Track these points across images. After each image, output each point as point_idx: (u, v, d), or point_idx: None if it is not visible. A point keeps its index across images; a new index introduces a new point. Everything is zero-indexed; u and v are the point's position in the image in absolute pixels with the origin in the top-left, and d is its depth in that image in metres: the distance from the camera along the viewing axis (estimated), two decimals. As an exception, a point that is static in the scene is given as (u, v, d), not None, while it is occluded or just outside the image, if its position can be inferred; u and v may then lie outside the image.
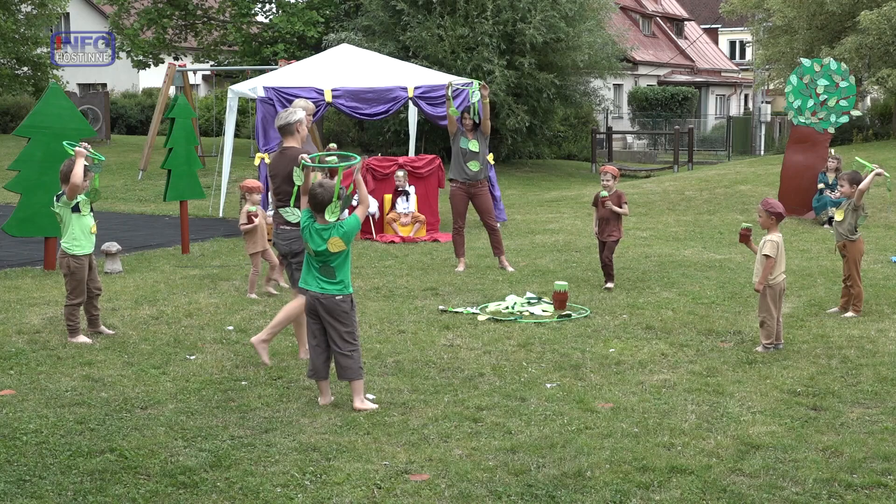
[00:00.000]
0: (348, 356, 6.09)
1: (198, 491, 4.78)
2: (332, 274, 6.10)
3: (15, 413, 5.90)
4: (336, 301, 6.09)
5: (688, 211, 17.33)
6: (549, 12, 24.62)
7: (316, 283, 6.12)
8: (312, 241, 6.07)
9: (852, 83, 15.80)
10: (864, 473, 5.01)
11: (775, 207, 7.76)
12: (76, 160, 7.70)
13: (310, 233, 6.09)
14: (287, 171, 6.91)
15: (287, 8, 28.01)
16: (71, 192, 7.71)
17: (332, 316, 6.09)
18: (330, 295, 6.09)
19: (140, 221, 16.37)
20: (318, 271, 6.11)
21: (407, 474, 5.01)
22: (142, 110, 37.26)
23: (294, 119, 7.21)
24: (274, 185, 7.21)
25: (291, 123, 7.20)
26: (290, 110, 7.33)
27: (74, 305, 7.77)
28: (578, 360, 7.31)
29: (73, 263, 7.78)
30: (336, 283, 6.10)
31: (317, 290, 6.11)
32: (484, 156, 11.25)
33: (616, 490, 4.78)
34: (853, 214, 8.81)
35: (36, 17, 31.44)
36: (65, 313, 7.79)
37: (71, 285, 7.79)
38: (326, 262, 6.08)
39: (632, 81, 43.55)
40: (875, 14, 23.39)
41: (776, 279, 7.65)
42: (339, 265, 6.10)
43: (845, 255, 8.87)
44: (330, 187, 6.04)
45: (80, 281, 7.79)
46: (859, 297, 8.79)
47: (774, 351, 7.52)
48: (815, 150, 15.71)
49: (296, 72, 15.63)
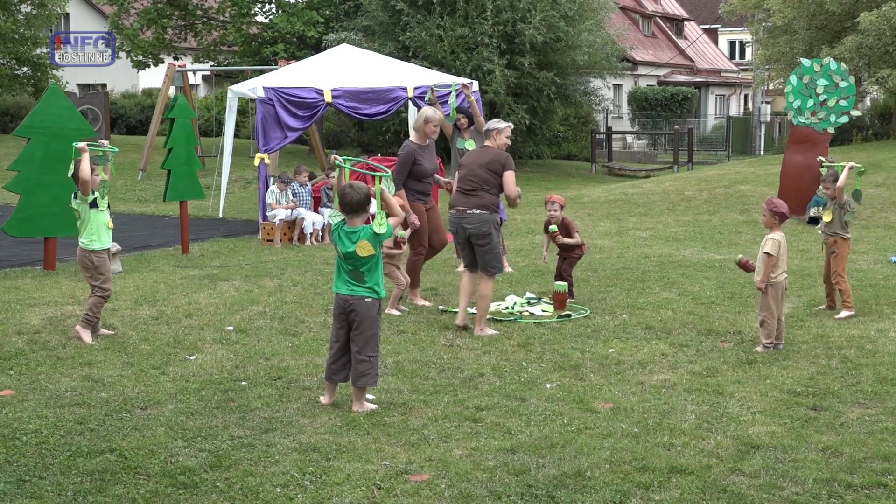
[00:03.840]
0: (368, 361, 6.08)
1: (197, 491, 4.78)
2: (362, 279, 6.08)
3: (15, 413, 5.90)
4: (366, 303, 6.08)
5: (687, 211, 17.33)
6: (548, 12, 24.63)
7: (346, 287, 6.11)
8: (342, 244, 6.05)
9: (852, 83, 15.80)
10: (864, 473, 5.01)
11: (779, 207, 7.79)
12: (81, 156, 7.75)
13: (339, 235, 6.07)
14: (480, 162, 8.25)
15: (287, 8, 28.01)
16: (84, 189, 7.77)
17: (359, 319, 6.08)
18: (359, 296, 6.08)
19: (140, 222, 16.38)
20: (347, 275, 6.10)
21: (407, 474, 5.00)
22: (141, 110, 37.24)
23: (492, 127, 8.41)
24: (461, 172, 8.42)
25: (491, 130, 8.39)
26: (494, 122, 8.52)
27: (103, 298, 7.85)
28: (578, 360, 7.31)
29: (95, 258, 7.87)
30: (366, 287, 6.09)
31: (346, 293, 6.10)
32: None
33: (616, 490, 4.78)
34: (840, 212, 8.88)
35: (36, 18, 31.43)
36: (89, 304, 7.82)
37: (98, 279, 7.86)
38: (356, 266, 6.06)
39: (631, 81, 43.55)
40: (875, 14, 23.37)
41: (778, 278, 7.65)
42: (368, 270, 6.08)
43: (835, 251, 8.89)
44: (360, 188, 6.04)
45: (107, 272, 7.93)
46: (848, 293, 8.81)
47: (774, 351, 7.53)
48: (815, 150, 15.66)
49: (295, 72, 15.63)
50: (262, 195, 14.17)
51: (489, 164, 8.19)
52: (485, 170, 8.19)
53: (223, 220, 16.30)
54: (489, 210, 8.22)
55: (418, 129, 9.37)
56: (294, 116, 14.10)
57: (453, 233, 8.54)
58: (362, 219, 6.10)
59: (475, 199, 8.26)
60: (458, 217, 8.32)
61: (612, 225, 15.73)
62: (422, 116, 9.35)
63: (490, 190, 8.20)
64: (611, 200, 18.62)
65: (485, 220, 8.20)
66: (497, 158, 8.20)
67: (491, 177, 8.17)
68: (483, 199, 8.22)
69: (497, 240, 8.37)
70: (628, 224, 15.86)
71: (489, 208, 8.22)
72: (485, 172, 8.19)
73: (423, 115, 9.34)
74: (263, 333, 8.08)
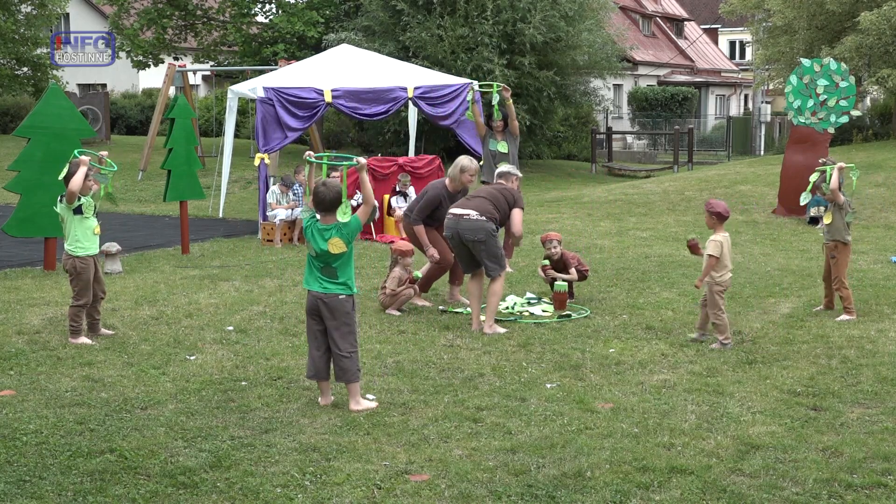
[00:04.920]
0: (347, 357, 6.08)
1: (198, 491, 4.78)
2: (335, 275, 6.09)
3: (15, 413, 5.90)
4: (339, 300, 6.08)
5: (688, 211, 17.32)
6: (548, 12, 24.61)
7: (318, 284, 6.11)
8: (314, 242, 6.06)
9: (852, 83, 15.80)
10: (864, 473, 5.01)
11: (715, 207, 7.88)
12: (79, 167, 7.73)
13: (312, 233, 6.08)
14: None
15: (287, 8, 28.00)
16: (69, 197, 7.75)
17: (334, 316, 6.08)
18: (333, 294, 6.08)
19: (140, 222, 16.37)
20: (319, 271, 6.11)
21: (407, 474, 5.01)
22: (141, 110, 37.25)
23: (512, 172, 8.84)
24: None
25: (511, 174, 8.78)
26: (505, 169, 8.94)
27: (79, 307, 7.77)
28: (578, 360, 7.31)
29: (79, 265, 7.80)
30: (339, 283, 6.09)
31: (319, 290, 6.10)
32: (514, 157, 11.22)
33: (616, 490, 4.78)
34: (840, 213, 8.85)
35: (36, 18, 31.43)
36: (69, 314, 7.79)
37: (77, 287, 7.79)
38: (328, 262, 6.08)
39: (632, 81, 43.54)
40: (875, 14, 23.38)
41: (723, 277, 7.79)
42: (340, 266, 6.09)
43: (835, 256, 8.86)
44: (333, 186, 6.04)
45: (87, 282, 7.80)
46: (849, 299, 8.77)
47: (702, 342, 7.70)
48: (815, 151, 15.67)
49: (296, 72, 15.63)
50: (263, 195, 14.17)
51: (502, 191, 8.45)
52: (497, 191, 8.44)
53: (223, 220, 16.30)
54: (486, 217, 8.23)
55: (454, 178, 9.16)
56: (294, 116, 14.09)
57: (449, 238, 8.51)
58: (335, 216, 6.09)
59: (475, 203, 8.28)
60: (454, 221, 8.33)
61: (613, 225, 15.73)
62: (458, 165, 9.15)
63: (496, 207, 8.31)
64: (611, 200, 18.61)
65: (481, 227, 8.21)
66: (511, 192, 8.47)
67: (500, 201, 8.35)
68: (484, 205, 8.27)
69: (495, 241, 8.36)
70: (628, 224, 15.85)
71: (487, 214, 8.24)
72: (496, 192, 8.43)
73: (460, 165, 9.14)
74: (263, 333, 8.08)
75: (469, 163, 9.17)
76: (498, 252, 8.34)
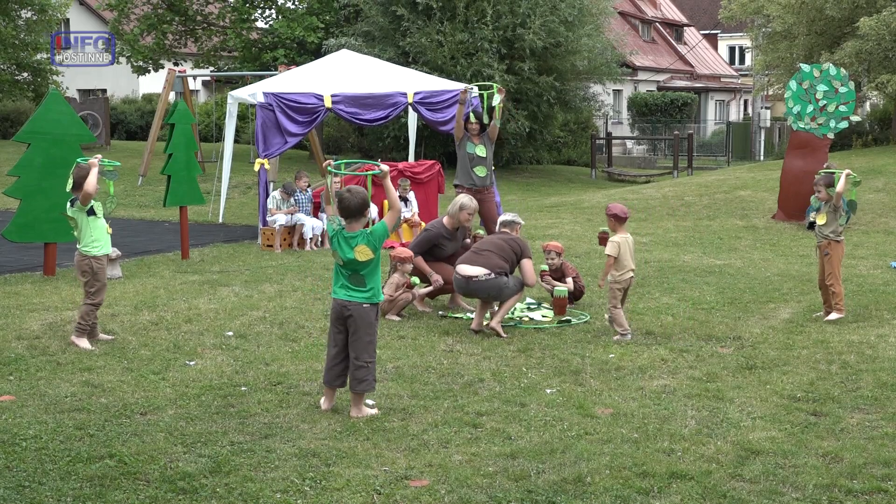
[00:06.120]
0: (366, 367, 6.08)
1: (197, 497, 4.77)
2: (363, 282, 6.08)
3: (14, 419, 5.89)
4: (364, 309, 6.07)
5: (687, 216, 17.33)
6: (548, 17, 24.66)
7: (344, 292, 6.10)
8: (341, 251, 6.04)
9: (851, 88, 15.82)
10: (865, 479, 5.01)
11: (613, 210, 8.33)
12: (90, 169, 7.80)
13: (338, 241, 6.06)
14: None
15: (287, 13, 28.04)
16: (84, 199, 7.80)
17: (358, 324, 6.08)
18: (358, 302, 6.07)
19: (140, 227, 16.38)
20: (347, 280, 6.10)
21: (407, 480, 5.00)
22: (141, 116, 37.28)
23: (516, 221, 8.80)
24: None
25: (516, 224, 8.78)
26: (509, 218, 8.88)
27: (94, 306, 7.85)
28: (578, 365, 7.31)
29: (95, 264, 7.88)
30: (366, 291, 6.09)
31: (344, 298, 6.10)
32: (490, 161, 11.21)
33: (616, 496, 4.78)
34: (834, 215, 8.87)
35: (36, 23, 31.46)
36: (81, 312, 7.81)
37: (94, 286, 7.86)
38: (356, 270, 6.06)
39: (631, 87, 43.58)
40: (874, 20, 23.41)
41: (623, 276, 8.13)
42: (368, 273, 6.08)
43: (828, 252, 8.89)
44: (358, 192, 6.04)
45: (103, 281, 7.92)
46: (840, 296, 8.83)
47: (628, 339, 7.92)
48: (815, 156, 15.71)
49: (295, 77, 15.65)
50: (262, 200, 14.18)
51: (508, 241, 8.51)
52: (503, 241, 8.50)
53: (223, 225, 16.30)
54: (496, 273, 8.32)
55: (452, 215, 9.19)
56: (294, 122, 14.11)
57: (458, 290, 8.68)
58: (361, 223, 6.09)
59: (483, 259, 8.37)
60: (463, 284, 8.45)
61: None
62: (457, 203, 9.18)
63: (504, 258, 8.39)
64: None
65: (493, 286, 8.32)
66: (517, 242, 8.54)
67: (507, 251, 8.42)
68: (492, 260, 8.36)
69: (508, 285, 8.39)
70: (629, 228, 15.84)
71: (497, 270, 8.34)
72: (503, 242, 8.48)
73: (459, 203, 9.17)
74: (263, 339, 8.08)
75: (469, 201, 9.18)
76: (515, 289, 8.42)
